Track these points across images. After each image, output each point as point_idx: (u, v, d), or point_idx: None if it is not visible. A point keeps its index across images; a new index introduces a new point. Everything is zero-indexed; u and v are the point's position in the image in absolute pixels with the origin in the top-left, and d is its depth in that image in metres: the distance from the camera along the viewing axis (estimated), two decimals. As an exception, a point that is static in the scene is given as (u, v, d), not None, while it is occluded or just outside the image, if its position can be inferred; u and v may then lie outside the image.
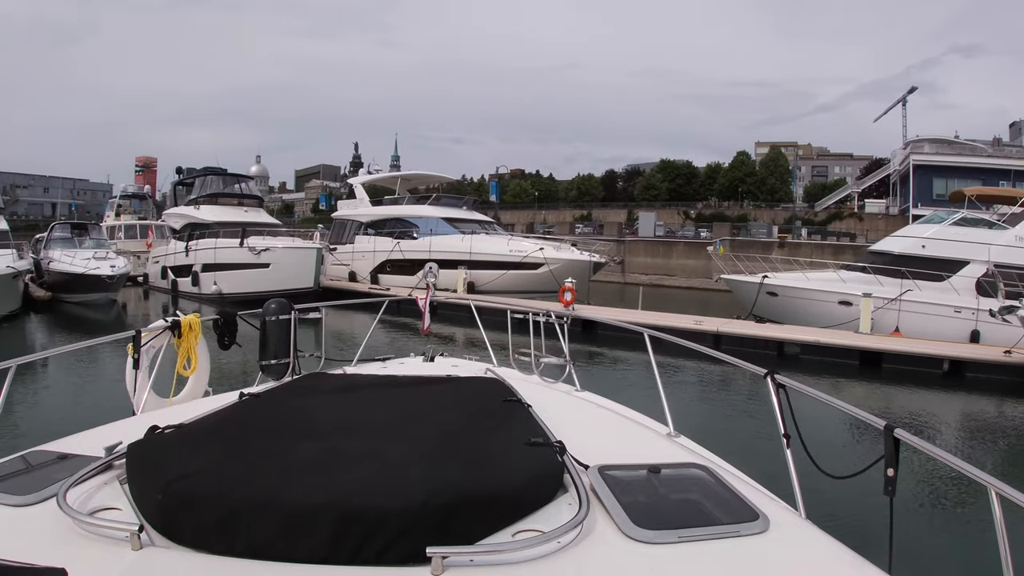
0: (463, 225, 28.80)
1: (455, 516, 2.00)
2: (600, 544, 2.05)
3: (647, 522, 2.13)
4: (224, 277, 25.26)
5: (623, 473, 2.54)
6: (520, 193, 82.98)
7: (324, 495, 2.01)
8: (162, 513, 2.05)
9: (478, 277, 25.85)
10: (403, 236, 29.04)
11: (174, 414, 3.24)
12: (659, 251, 46.97)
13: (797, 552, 2.16)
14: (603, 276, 31.25)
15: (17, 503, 2.22)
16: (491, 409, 3.25)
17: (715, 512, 2.29)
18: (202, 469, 2.22)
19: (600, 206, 71.92)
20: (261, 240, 25.05)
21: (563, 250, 26.63)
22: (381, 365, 5.18)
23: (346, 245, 32.03)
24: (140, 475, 2.30)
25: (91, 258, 24.59)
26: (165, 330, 4.83)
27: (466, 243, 26.84)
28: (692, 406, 11.77)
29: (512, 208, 73.84)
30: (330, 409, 3.22)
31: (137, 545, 1.93)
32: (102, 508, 2.20)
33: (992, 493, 2.06)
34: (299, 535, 1.93)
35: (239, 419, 3.00)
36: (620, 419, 3.75)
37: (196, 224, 27.97)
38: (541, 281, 24.52)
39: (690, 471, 2.65)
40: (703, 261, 39.25)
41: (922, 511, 6.85)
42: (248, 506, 1.99)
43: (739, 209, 62.78)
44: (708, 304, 27.54)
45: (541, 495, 2.30)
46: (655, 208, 60.92)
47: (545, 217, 66.09)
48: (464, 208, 31.13)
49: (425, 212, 29.50)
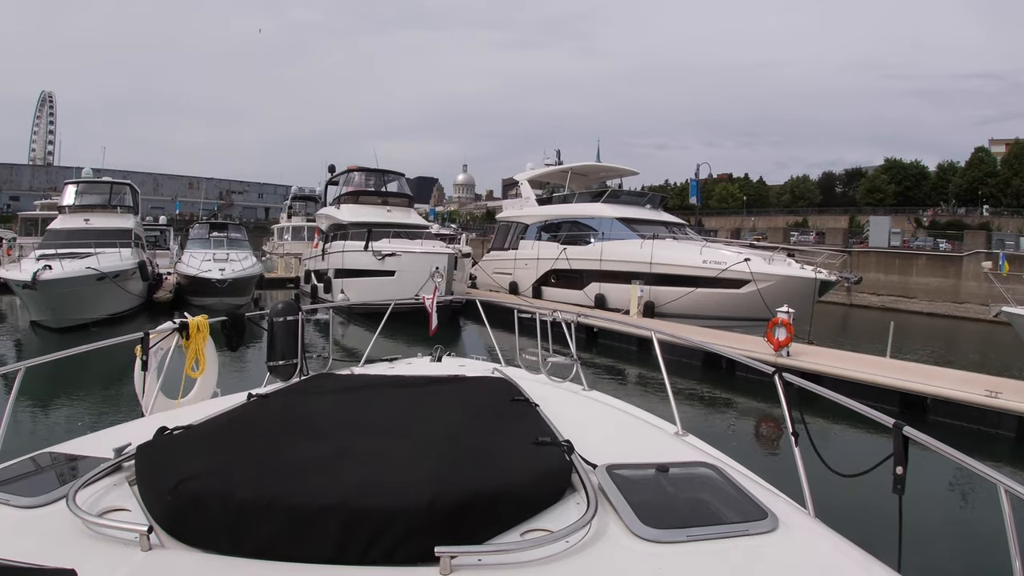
0: (644, 227, 22.32)
1: (463, 516, 1.99)
2: (609, 544, 2.05)
3: (655, 521, 2.12)
4: (351, 285, 21.49)
5: (631, 472, 2.54)
6: (726, 198, 77.92)
7: (332, 495, 2.02)
8: (171, 514, 2.06)
9: (659, 295, 19.61)
10: (573, 241, 23.66)
11: (182, 415, 3.25)
12: (895, 265, 37.53)
13: (806, 551, 2.15)
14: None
15: (27, 504, 2.23)
16: (499, 409, 3.28)
17: (723, 511, 2.28)
18: (211, 470, 2.22)
19: (816, 212, 66.21)
20: (388, 244, 20.88)
21: (776, 263, 18.81)
22: (388, 365, 5.18)
23: (508, 251, 27.39)
24: (149, 476, 2.31)
25: (211, 259, 22.17)
26: (173, 332, 4.90)
27: (646, 250, 20.51)
28: (699, 405, 11.74)
29: (717, 214, 69.43)
30: (338, 409, 3.26)
31: (146, 546, 1.93)
32: (111, 509, 2.20)
33: (1001, 491, 2.08)
34: (307, 535, 1.93)
35: (247, 420, 3.04)
36: (628, 418, 3.76)
37: (337, 225, 24.67)
38: (745, 305, 17.76)
39: (698, 470, 2.66)
40: (950, 280, 34.33)
41: (931, 509, 6.52)
42: (256, 506, 1.99)
43: (978, 216, 55.80)
44: (968, 340, 24.97)
45: (549, 494, 2.29)
46: (879, 214, 52.11)
47: (755, 224, 58.90)
48: (647, 207, 24.77)
49: (596, 211, 23.70)
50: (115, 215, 23.25)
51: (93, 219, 22.10)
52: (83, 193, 23.99)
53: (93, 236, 19.66)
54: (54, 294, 16.85)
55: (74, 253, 18.36)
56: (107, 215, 22.96)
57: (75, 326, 16.83)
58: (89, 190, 24.37)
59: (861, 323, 28.52)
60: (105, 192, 24.34)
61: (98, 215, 22.65)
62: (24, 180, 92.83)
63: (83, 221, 21.79)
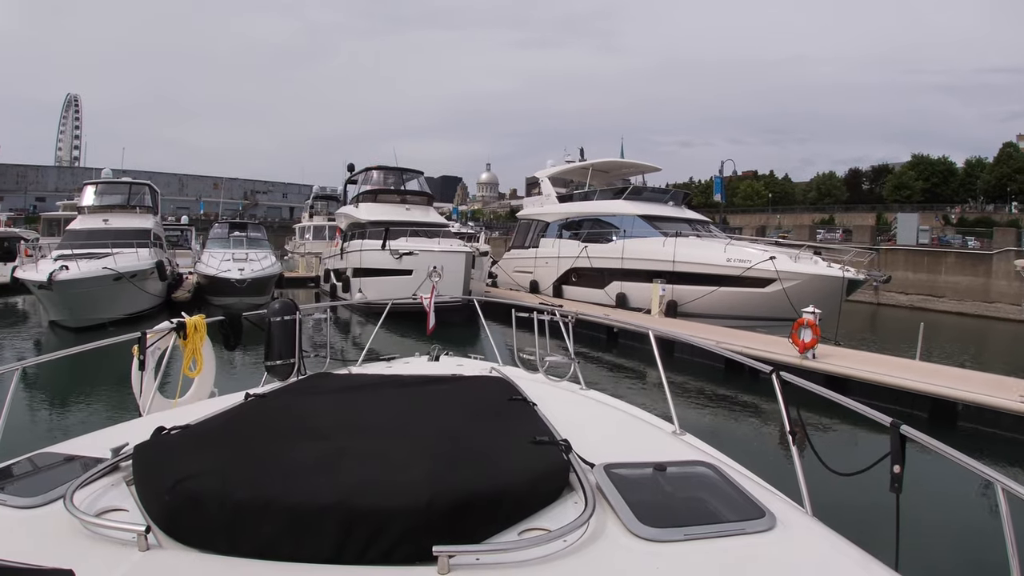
0: (666, 225, 21.79)
1: (461, 515, 1.99)
2: (606, 542, 2.05)
3: (653, 520, 2.11)
4: (368, 284, 21.24)
5: (629, 471, 2.53)
6: (751, 195, 77.30)
7: (330, 495, 2.01)
8: (169, 514, 2.04)
9: (682, 294, 19.16)
10: (595, 239, 23.25)
11: (180, 415, 3.25)
12: (923, 263, 36.59)
13: (803, 549, 2.15)
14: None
15: (24, 504, 2.22)
16: (496, 408, 3.28)
17: (721, 510, 2.28)
18: (208, 470, 2.21)
19: (843, 209, 65.34)
20: (405, 242, 20.62)
21: (803, 261, 18.16)
22: (386, 365, 5.18)
23: (529, 250, 27.06)
24: (146, 476, 2.30)
25: (230, 259, 22.10)
26: (171, 331, 4.90)
27: (668, 248, 20.03)
28: (697, 404, 11.70)
29: (742, 212, 69.09)
30: (336, 409, 3.24)
31: (144, 546, 1.93)
32: (109, 509, 2.20)
33: (999, 489, 2.08)
34: (305, 535, 1.93)
35: (245, 420, 3.03)
36: (625, 417, 3.75)
37: (356, 224, 24.44)
38: (770, 304, 17.21)
39: (696, 469, 2.65)
40: (980, 279, 33.41)
41: (929, 508, 6.36)
42: (254, 506, 1.98)
43: (1007, 213, 55.37)
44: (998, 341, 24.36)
45: (547, 494, 2.29)
46: (907, 211, 51.28)
47: (780, 221, 58.50)
48: (670, 204, 24.23)
49: (618, 209, 23.20)
50: (134, 215, 23.33)
51: (112, 219, 22.14)
52: (102, 194, 24.15)
53: (111, 236, 19.70)
54: (70, 294, 16.84)
55: (92, 253, 18.38)
56: (126, 215, 23.04)
57: (93, 326, 16.79)
58: (108, 190, 24.51)
59: (889, 323, 27.80)
60: (124, 192, 24.44)
61: (117, 215, 22.71)
62: (50, 181, 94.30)
63: (102, 221, 21.83)
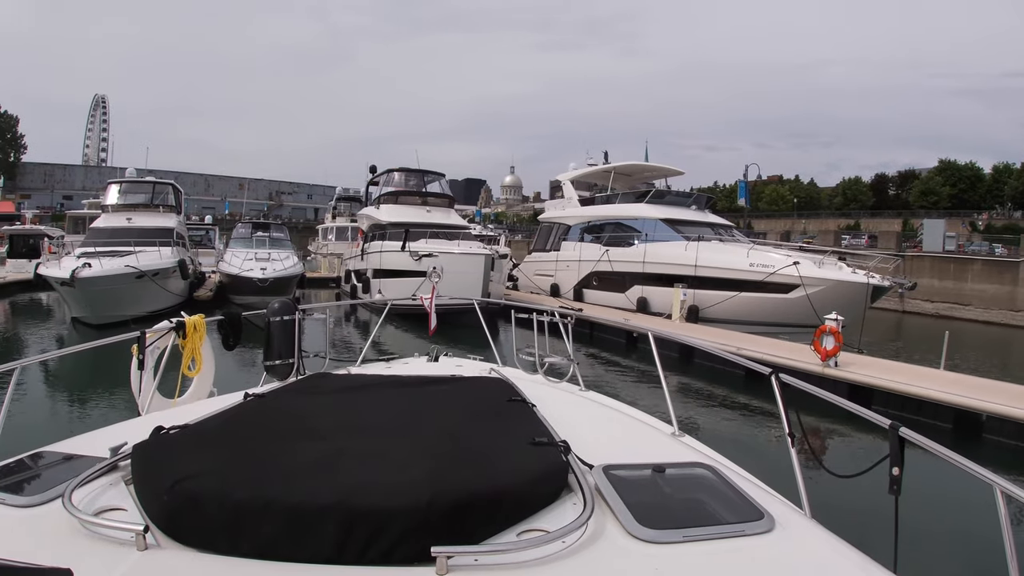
0: (689, 229, 21.51)
1: (460, 516, 1.99)
2: (605, 544, 2.05)
3: (652, 522, 2.11)
4: (388, 285, 21.24)
5: (627, 473, 2.52)
6: (776, 200, 76.03)
7: (329, 495, 2.01)
8: (167, 514, 2.04)
9: (703, 299, 18.92)
10: (616, 242, 23.06)
11: (179, 415, 3.23)
12: (949, 271, 35.85)
13: (802, 551, 2.15)
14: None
15: (23, 504, 2.23)
16: (495, 409, 3.27)
17: (720, 511, 2.28)
18: (207, 470, 2.21)
19: (869, 214, 64.00)
20: (425, 244, 20.62)
21: (827, 267, 17.80)
22: (385, 365, 5.20)
23: (550, 253, 26.92)
24: (145, 476, 2.30)
25: (252, 259, 22.29)
26: (170, 331, 4.93)
27: (690, 252, 19.73)
28: (696, 406, 11.69)
29: (767, 216, 67.79)
30: (335, 409, 3.24)
31: (142, 545, 1.92)
32: (107, 509, 2.20)
33: (998, 492, 2.08)
34: (304, 535, 1.92)
35: (244, 419, 3.02)
36: (624, 419, 3.75)
37: (376, 225, 24.48)
38: (793, 310, 16.92)
39: (694, 471, 2.66)
40: (1006, 287, 32.69)
41: (927, 510, 6.26)
42: (253, 506, 1.98)
43: None
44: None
45: (546, 495, 2.29)
46: (933, 217, 50.11)
47: (805, 227, 57.63)
48: (692, 207, 23.88)
49: (640, 212, 22.92)
50: (157, 214, 23.60)
51: (135, 218, 22.45)
52: (126, 192, 24.47)
53: (134, 235, 19.93)
54: (92, 291, 17.05)
55: (115, 251, 18.60)
56: (149, 214, 23.31)
57: (114, 323, 16.81)
58: (132, 189, 24.81)
59: (914, 331, 27.34)
60: (148, 191, 24.73)
61: (140, 214, 23.00)
62: (77, 180, 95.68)
63: (125, 220, 22.13)
